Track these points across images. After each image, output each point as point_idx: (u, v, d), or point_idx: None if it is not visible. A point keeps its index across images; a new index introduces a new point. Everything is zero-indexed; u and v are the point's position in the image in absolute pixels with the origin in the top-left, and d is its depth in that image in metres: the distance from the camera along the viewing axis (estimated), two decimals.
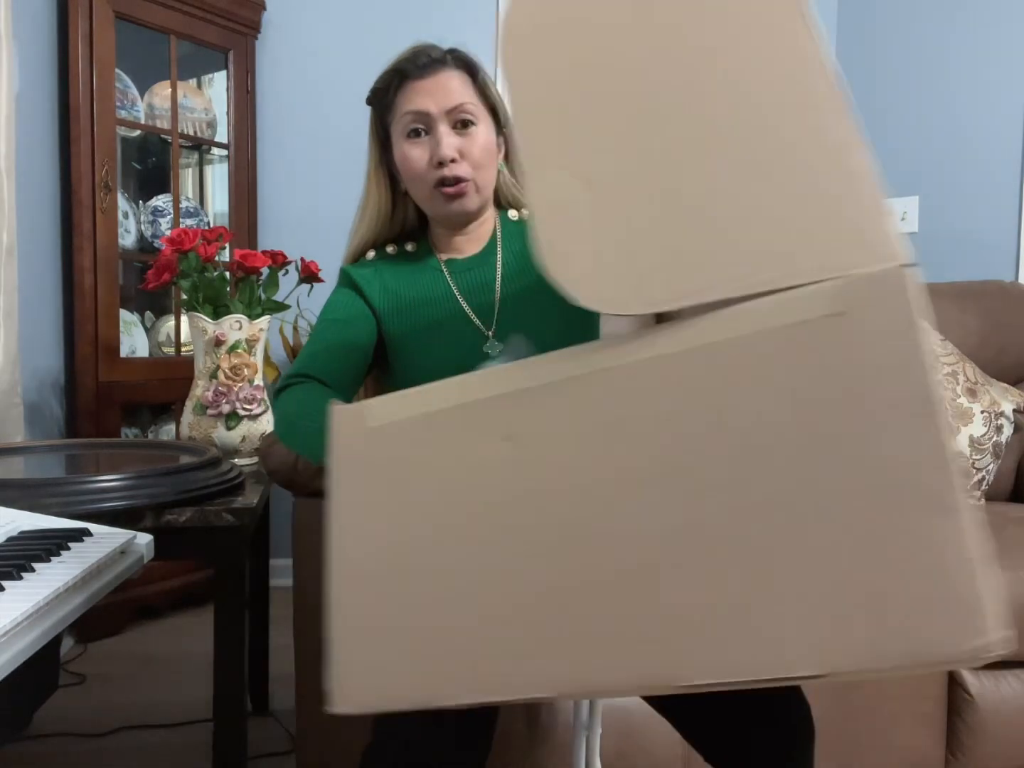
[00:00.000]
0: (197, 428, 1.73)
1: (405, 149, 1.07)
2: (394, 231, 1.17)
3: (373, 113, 1.13)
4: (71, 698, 1.95)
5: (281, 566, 2.15)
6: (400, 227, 1.17)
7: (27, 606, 0.69)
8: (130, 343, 2.44)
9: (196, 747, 1.72)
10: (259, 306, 1.79)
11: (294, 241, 2.58)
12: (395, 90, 1.08)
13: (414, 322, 1.10)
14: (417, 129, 1.06)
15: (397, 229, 1.17)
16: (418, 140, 1.06)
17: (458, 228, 1.13)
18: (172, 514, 1.32)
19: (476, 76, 1.08)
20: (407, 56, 1.07)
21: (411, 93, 1.06)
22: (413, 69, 1.06)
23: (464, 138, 1.05)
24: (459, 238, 1.14)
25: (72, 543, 0.87)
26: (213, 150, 2.70)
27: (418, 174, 1.06)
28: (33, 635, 0.67)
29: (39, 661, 0.69)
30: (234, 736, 1.41)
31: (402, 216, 1.17)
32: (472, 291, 1.11)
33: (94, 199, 2.23)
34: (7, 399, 1.84)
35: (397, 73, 1.07)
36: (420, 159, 1.05)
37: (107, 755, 1.70)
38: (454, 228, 1.13)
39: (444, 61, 1.07)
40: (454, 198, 1.06)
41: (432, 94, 1.04)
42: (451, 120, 1.05)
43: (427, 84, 1.05)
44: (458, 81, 1.06)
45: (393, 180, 1.13)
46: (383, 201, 1.14)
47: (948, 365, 1.96)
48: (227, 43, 2.57)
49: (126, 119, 2.39)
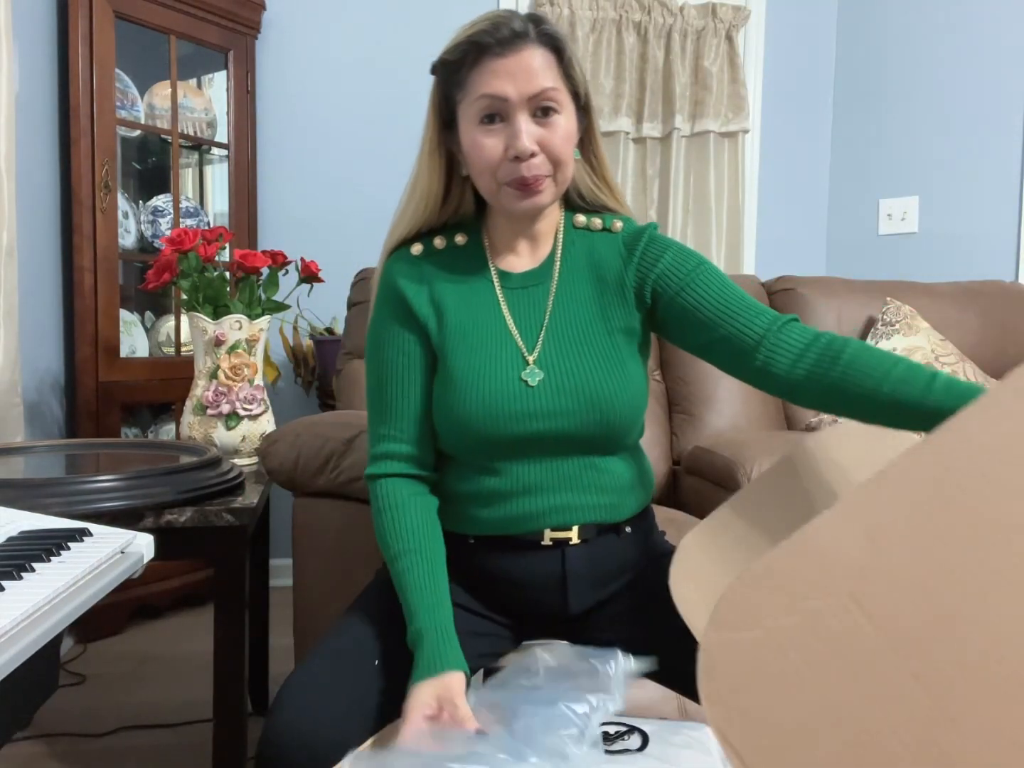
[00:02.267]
0: (197, 428, 1.73)
1: (477, 136, 0.95)
2: (443, 219, 1.06)
3: (437, 86, 1.01)
4: (71, 698, 1.95)
5: (281, 566, 2.15)
6: (452, 214, 1.06)
7: (27, 606, 0.69)
8: (130, 343, 2.44)
9: (196, 747, 1.72)
10: (259, 306, 1.79)
11: (294, 241, 2.59)
12: (470, 66, 0.95)
13: (457, 336, 1.02)
14: (492, 115, 0.95)
15: (447, 216, 1.06)
16: (492, 127, 0.95)
17: (522, 223, 1.04)
18: (172, 514, 1.32)
19: (563, 54, 0.96)
20: (485, 27, 0.93)
21: (488, 73, 0.93)
22: (492, 43, 0.93)
23: (544, 128, 0.94)
24: (518, 237, 1.05)
25: (72, 543, 0.87)
26: (213, 150, 2.70)
27: (489, 166, 0.96)
28: (33, 635, 0.67)
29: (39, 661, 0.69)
30: (234, 736, 1.41)
31: (456, 203, 1.06)
32: (522, 311, 1.03)
33: (94, 199, 2.24)
34: (7, 399, 1.84)
35: (473, 46, 0.94)
36: (494, 149, 0.95)
37: (107, 755, 1.70)
38: (517, 222, 1.04)
39: (527, 35, 0.93)
40: (528, 195, 0.96)
41: (513, 76, 0.92)
42: (532, 107, 0.94)
43: (508, 63, 0.92)
44: (542, 60, 0.94)
45: (450, 163, 1.02)
46: (436, 185, 1.02)
47: (948, 365, 1.96)
48: (227, 43, 2.57)
49: (126, 119, 2.39)
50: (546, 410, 0.98)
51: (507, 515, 1.00)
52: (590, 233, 1.07)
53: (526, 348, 1.02)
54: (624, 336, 1.03)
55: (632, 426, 1.03)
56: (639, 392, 1.02)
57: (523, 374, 1.00)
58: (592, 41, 2.87)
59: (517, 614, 1.06)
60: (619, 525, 1.04)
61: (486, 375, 0.99)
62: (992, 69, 2.72)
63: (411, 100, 2.86)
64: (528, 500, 1.00)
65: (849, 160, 3.09)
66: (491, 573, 1.04)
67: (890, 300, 2.09)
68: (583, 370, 1.00)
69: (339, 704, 0.89)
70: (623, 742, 0.79)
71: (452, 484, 1.05)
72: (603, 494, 1.02)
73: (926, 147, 2.88)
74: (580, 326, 1.02)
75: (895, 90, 2.96)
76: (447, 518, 1.05)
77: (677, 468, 2.02)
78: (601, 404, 0.98)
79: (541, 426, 0.98)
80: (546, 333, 1.02)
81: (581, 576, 1.02)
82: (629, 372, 1.02)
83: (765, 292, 2.24)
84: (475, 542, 1.04)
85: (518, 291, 1.04)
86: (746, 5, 2.99)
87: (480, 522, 1.02)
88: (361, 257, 2.17)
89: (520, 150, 0.93)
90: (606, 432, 1.00)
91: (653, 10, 2.88)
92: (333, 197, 2.82)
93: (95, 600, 0.79)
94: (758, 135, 3.08)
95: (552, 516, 1.00)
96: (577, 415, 0.98)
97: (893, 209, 2.96)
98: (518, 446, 0.99)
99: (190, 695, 1.96)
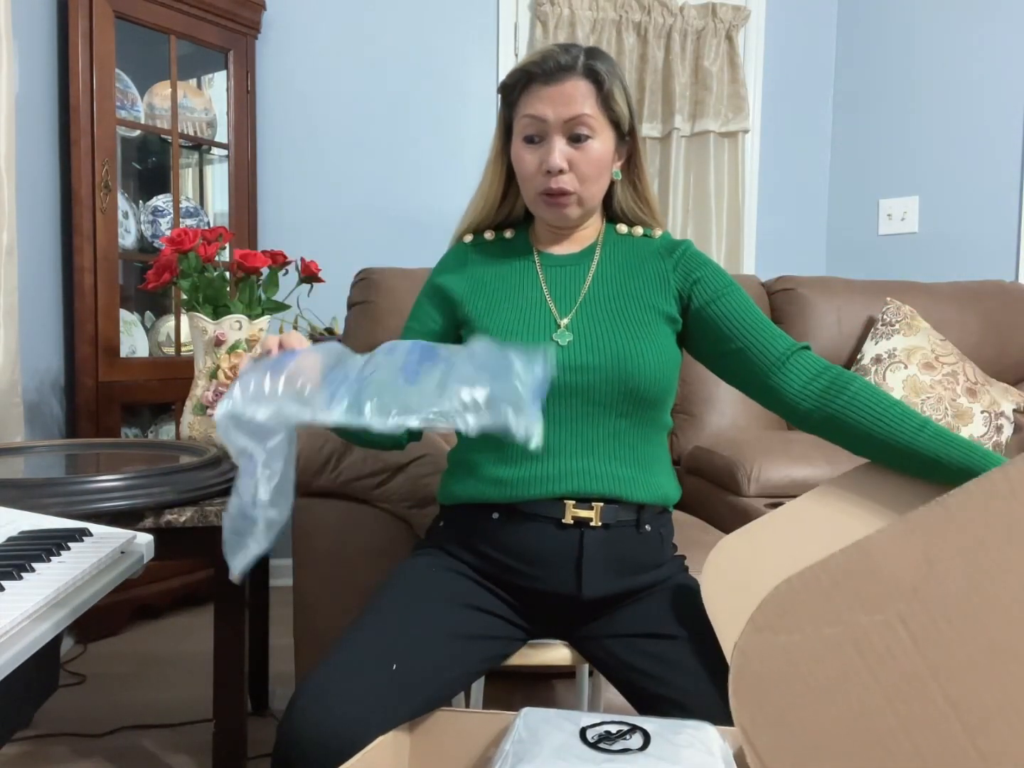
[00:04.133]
0: (197, 428, 1.73)
1: (520, 150, 1.10)
2: (500, 218, 1.21)
3: (501, 104, 1.16)
4: (71, 698, 1.95)
5: (281, 566, 2.15)
6: (507, 214, 1.21)
7: (27, 606, 0.69)
8: (130, 343, 2.44)
9: (196, 747, 1.72)
10: (259, 306, 1.79)
11: (294, 241, 2.59)
12: (520, 90, 1.10)
13: (494, 302, 1.13)
14: (532, 135, 1.09)
15: (503, 216, 1.21)
16: (532, 145, 1.09)
17: (560, 229, 1.16)
18: (172, 514, 1.32)
19: (602, 86, 1.08)
20: (536, 59, 1.08)
21: (533, 98, 1.08)
22: (539, 73, 1.07)
23: (577, 150, 1.07)
24: (559, 237, 1.17)
25: (72, 543, 0.87)
26: (213, 150, 2.70)
27: (527, 177, 1.10)
28: (33, 635, 0.67)
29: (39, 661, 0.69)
30: (234, 736, 1.41)
31: (511, 205, 1.20)
32: (558, 284, 1.13)
33: (94, 199, 2.24)
34: (7, 399, 1.84)
35: (524, 74, 1.09)
36: (531, 163, 1.09)
37: (107, 755, 1.70)
38: (556, 228, 1.16)
39: (573, 68, 1.07)
40: (556, 207, 1.10)
41: (552, 102, 1.06)
42: (567, 130, 1.07)
43: (551, 91, 1.06)
44: (583, 90, 1.07)
45: (510, 169, 1.16)
46: (496, 187, 1.18)
47: (948, 365, 1.96)
48: (227, 43, 2.57)
49: (126, 119, 2.39)
50: (572, 364, 1.05)
51: (530, 474, 1.05)
52: (632, 238, 1.19)
53: (559, 315, 1.10)
54: (659, 315, 1.10)
55: (660, 393, 1.08)
56: (668, 359, 1.08)
57: (554, 335, 1.08)
58: (592, 41, 2.86)
59: (531, 599, 1.08)
60: (639, 514, 1.07)
61: (517, 329, 1.09)
62: (992, 69, 2.72)
63: (410, 100, 2.87)
64: (550, 461, 1.05)
65: (849, 160, 3.09)
66: (512, 550, 1.06)
67: (890, 300, 2.09)
68: (612, 333, 1.07)
69: (356, 705, 0.90)
70: (624, 741, 0.79)
71: (474, 449, 1.10)
72: (624, 466, 1.07)
73: (926, 147, 2.88)
74: (617, 301, 1.11)
75: (895, 90, 2.96)
76: (468, 489, 1.09)
77: (677, 468, 2.02)
78: (627, 364, 1.05)
79: (566, 378, 1.05)
80: (581, 304, 1.11)
81: (597, 560, 1.05)
82: (659, 341, 1.08)
83: (765, 292, 2.24)
84: (499, 517, 1.07)
85: (557, 269, 1.15)
86: (746, 5, 3.00)
87: (503, 483, 1.06)
88: (361, 257, 2.17)
89: (551, 165, 1.06)
90: (632, 394, 1.05)
91: (653, 10, 2.88)
92: (333, 197, 2.82)
93: (95, 600, 0.79)
94: (758, 135, 3.08)
95: (572, 480, 1.05)
96: (602, 371, 1.05)
97: (893, 209, 2.96)
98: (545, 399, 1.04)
99: (190, 695, 1.96)
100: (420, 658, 0.96)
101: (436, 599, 1.04)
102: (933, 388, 1.91)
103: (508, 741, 0.81)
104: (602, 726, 0.82)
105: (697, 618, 1.00)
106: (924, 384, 1.91)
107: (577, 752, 0.77)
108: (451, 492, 1.13)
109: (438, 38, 2.85)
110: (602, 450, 1.06)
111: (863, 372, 1.97)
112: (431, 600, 1.04)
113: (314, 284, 1.93)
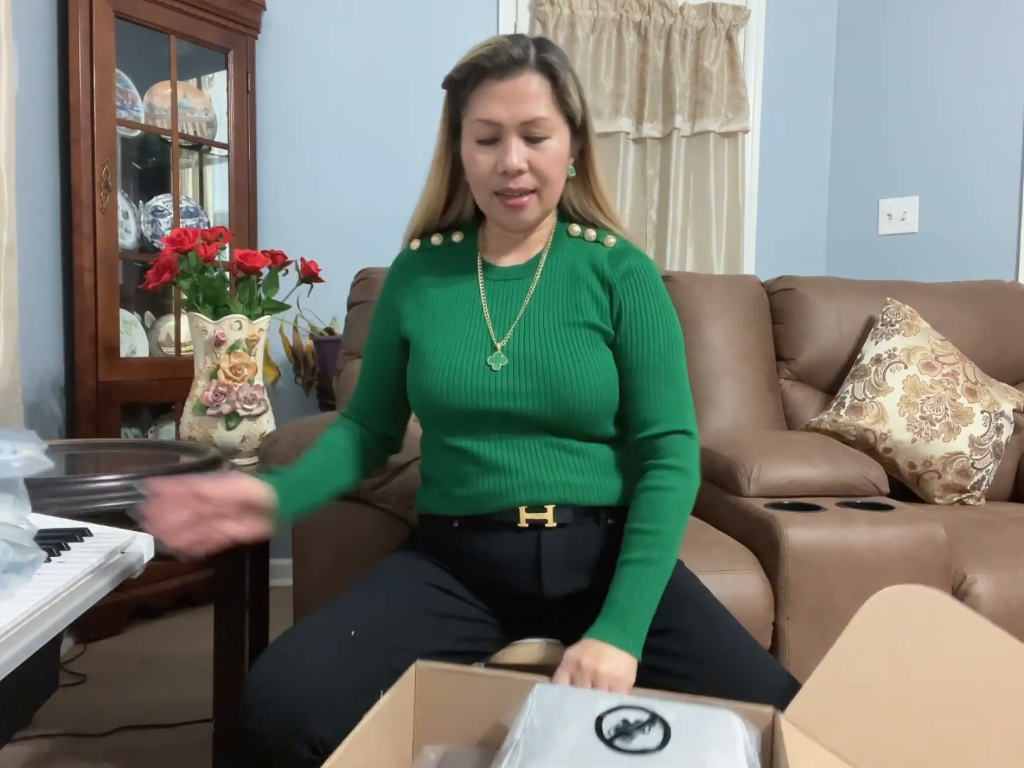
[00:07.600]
0: (197, 428, 1.73)
1: (472, 152, 1.04)
2: (448, 221, 1.16)
3: (447, 100, 1.09)
4: (71, 698, 1.95)
5: (281, 566, 2.15)
6: (456, 217, 1.16)
7: (27, 606, 0.69)
8: (130, 343, 2.44)
9: (196, 747, 1.72)
10: (259, 306, 1.79)
11: (294, 241, 2.59)
12: (471, 87, 1.03)
13: (435, 320, 1.10)
14: (486, 138, 1.03)
15: (452, 218, 1.16)
16: (485, 146, 1.03)
17: (512, 233, 1.12)
18: None
19: (557, 81, 1.02)
20: (487, 51, 1.01)
21: (486, 97, 1.01)
22: (491, 68, 1.00)
23: (534, 149, 1.02)
24: (509, 243, 1.13)
25: (72, 543, 0.87)
26: (213, 150, 2.70)
27: (481, 178, 1.04)
28: (33, 635, 0.67)
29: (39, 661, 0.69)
30: (234, 736, 1.41)
31: (460, 206, 1.15)
32: (498, 301, 1.10)
33: (94, 199, 2.23)
34: (7, 399, 1.84)
35: (475, 68, 1.02)
36: (485, 164, 1.03)
37: (107, 755, 1.70)
38: (509, 231, 1.11)
39: (525, 61, 1.00)
40: (514, 209, 1.05)
41: (507, 102, 1.00)
42: (523, 131, 1.02)
43: (504, 88, 1.00)
44: (537, 86, 1.01)
45: (455, 168, 1.11)
46: (442, 188, 1.12)
47: (948, 365, 1.96)
48: (227, 43, 2.57)
49: (126, 119, 2.39)
50: (506, 390, 1.04)
51: (481, 491, 1.06)
52: (583, 243, 1.13)
53: (496, 336, 1.08)
54: (595, 332, 1.08)
55: (598, 412, 1.06)
56: (604, 381, 1.06)
57: (489, 359, 1.06)
58: (592, 41, 2.87)
59: (497, 600, 1.10)
60: (598, 511, 1.08)
61: (453, 352, 1.07)
62: (992, 69, 2.72)
63: (410, 100, 2.86)
64: (499, 478, 1.05)
65: (849, 160, 3.09)
66: (472, 556, 1.08)
67: (890, 300, 2.09)
68: (547, 356, 1.05)
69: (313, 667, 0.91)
70: (643, 735, 0.77)
71: (433, 467, 1.12)
72: (577, 474, 1.07)
73: (926, 147, 2.88)
74: (553, 320, 1.08)
75: (895, 90, 2.96)
76: (433, 502, 1.12)
77: None
78: (560, 388, 1.03)
79: (501, 404, 1.04)
80: (519, 324, 1.08)
81: (556, 559, 1.06)
82: (596, 359, 1.06)
83: (765, 292, 2.24)
84: (459, 525, 1.09)
85: (499, 283, 1.12)
86: (746, 5, 2.99)
87: (458, 501, 1.08)
88: (361, 257, 2.17)
89: (508, 166, 1.01)
90: (568, 416, 1.05)
91: (653, 10, 2.88)
92: (333, 197, 2.82)
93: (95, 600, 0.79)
94: (758, 135, 3.08)
95: (523, 493, 1.05)
96: (536, 397, 1.04)
97: (893, 209, 2.96)
98: (483, 423, 1.05)
99: (190, 695, 1.96)
100: (384, 624, 0.98)
101: (407, 579, 1.06)
102: (933, 388, 1.91)
103: (519, 728, 0.79)
104: (620, 712, 0.80)
105: (688, 608, 1.02)
106: (924, 384, 1.91)
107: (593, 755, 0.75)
108: (420, 502, 1.17)
109: (438, 38, 2.85)
110: (548, 461, 1.06)
111: (863, 372, 1.97)
112: (402, 579, 1.06)
113: (314, 284, 1.93)
